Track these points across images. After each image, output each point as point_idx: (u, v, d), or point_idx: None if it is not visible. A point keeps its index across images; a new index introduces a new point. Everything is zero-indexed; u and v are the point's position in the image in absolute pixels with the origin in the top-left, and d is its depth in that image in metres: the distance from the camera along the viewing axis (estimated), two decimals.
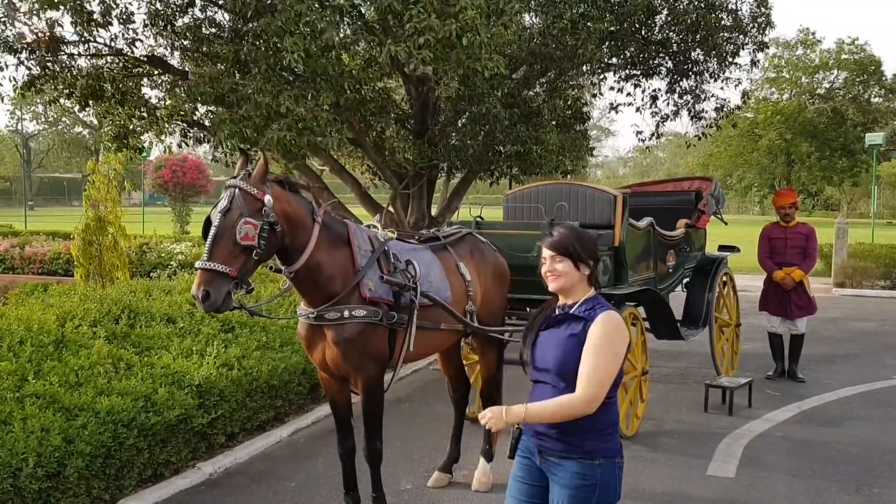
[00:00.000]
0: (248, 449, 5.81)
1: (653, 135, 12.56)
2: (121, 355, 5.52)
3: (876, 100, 51.68)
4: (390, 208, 10.02)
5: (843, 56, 51.33)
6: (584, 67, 9.66)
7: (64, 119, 54.80)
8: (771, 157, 52.90)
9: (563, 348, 2.83)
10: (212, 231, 3.50)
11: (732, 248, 8.40)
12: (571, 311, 2.88)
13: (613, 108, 13.08)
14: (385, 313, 3.99)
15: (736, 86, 11.92)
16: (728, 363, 8.07)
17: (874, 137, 20.84)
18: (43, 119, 58.32)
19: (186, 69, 8.65)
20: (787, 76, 53.23)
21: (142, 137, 9.56)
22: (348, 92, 7.45)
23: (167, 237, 23.53)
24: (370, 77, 7.87)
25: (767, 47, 11.39)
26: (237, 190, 3.57)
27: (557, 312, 2.96)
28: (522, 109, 9.16)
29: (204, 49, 8.23)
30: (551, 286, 2.96)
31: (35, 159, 64.45)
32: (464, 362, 5.72)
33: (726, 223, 8.54)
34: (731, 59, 11.27)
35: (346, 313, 3.88)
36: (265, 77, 6.69)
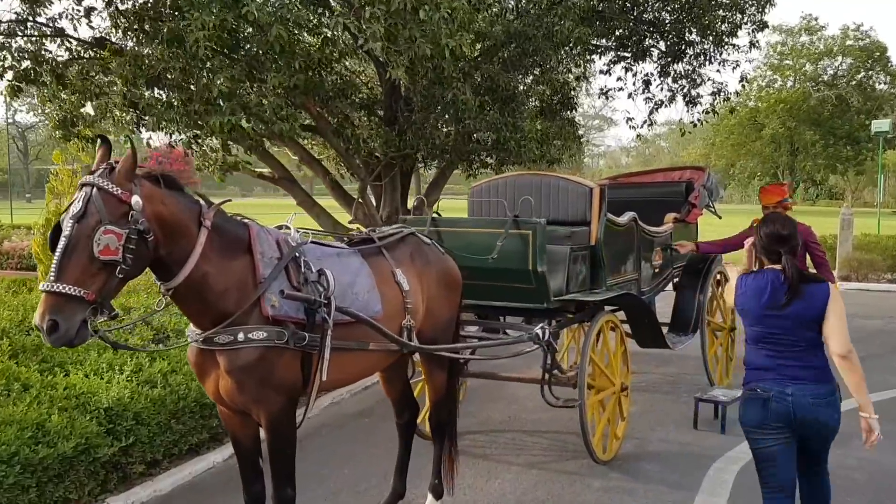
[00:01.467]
0: (174, 478, 5.11)
1: (645, 122, 11.82)
2: (19, 374, 4.82)
3: (881, 86, 50.83)
4: (361, 201, 9.31)
5: (848, 42, 50.45)
6: (566, 49, 8.90)
7: None
8: (774, 146, 52.08)
9: None
10: (61, 243, 2.75)
11: None
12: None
13: (604, 93, 12.32)
14: (292, 334, 3.27)
15: (734, 69, 11.08)
16: (722, 371, 7.36)
17: (881, 124, 20.06)
18: (39, 110, 57.60)
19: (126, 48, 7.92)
20: (791, 63, 52.40)
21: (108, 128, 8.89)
22: (301, 73, 6.72)
23: None
24: (328, 57, 7.14)
25: (767, 27, 10.64)
26: (95, 189, 2.82)
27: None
28: (499, 95, 8.42)
29: (147, 28, 7.50)
30: None
31: (32, 151, 63.77)
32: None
33: (720, 217, 7.81)
34: (727, 40, 10.52)
35: (242, 336, 3.16)
36: (198, 55, 5.96)
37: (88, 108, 8.77)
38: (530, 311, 5.42)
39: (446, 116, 7.99)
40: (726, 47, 10.82)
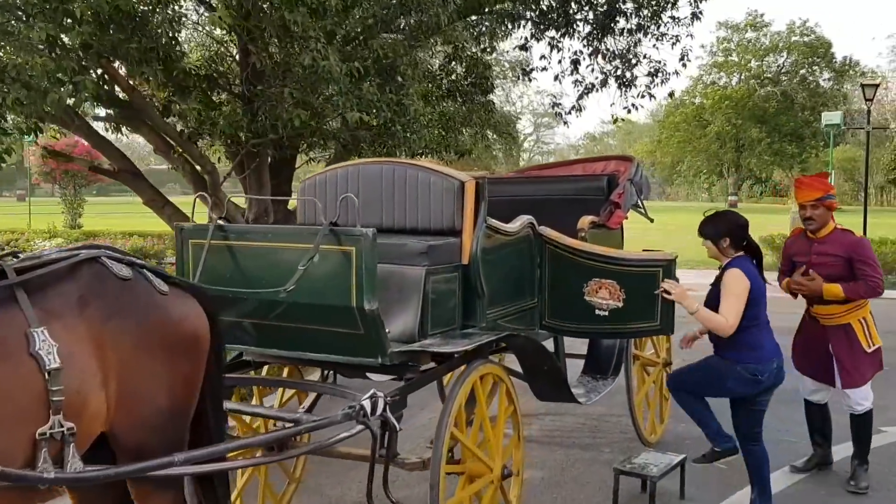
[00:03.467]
0: None
1: (573, 108, 10.17)
2: None
3: (825, 83, 50.59)
4: (212, 199, 7.42)
5: (794, 38, 50.08)
6: (473, 19, 7.18)
7: None
8: (720, 143, 51.52)
9: None
10: None
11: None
12: None
13: (525, 73, 10.63)
14: None
15: (673, 45, 9.48)
16: (654, 418, 5.73)
17: (831, 117, 18.93)
18: None
19: None
20: (736, 60, 51.85)
21: None
22: (88, 24, 4.88)
23: (42, 232, 20.60)
24: (133, 7, 5.28)
25: None
26: None
27: None
28: (381, 66, 6.65)
29: None
30: None
31: None
32: None
33: (651, 219, 6.14)
34: (667, 10, 8.95)
35: None
36: None
37: None
38: (364, 366, 3.65)
39: (304, 89, 6.18)
40: (665, 19, 9.25)
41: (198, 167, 7.19)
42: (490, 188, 5.57)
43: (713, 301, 4.15)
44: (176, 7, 5.80)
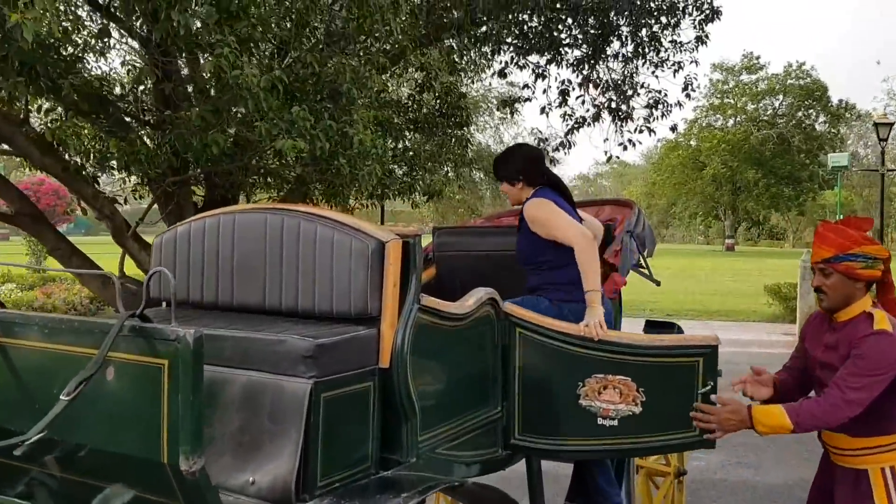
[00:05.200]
0: None
1: (561, 144, 8.91)
2: None
3: (821, 126, 49.85)
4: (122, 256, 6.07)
5: (790, 81, 49.40)
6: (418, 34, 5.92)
7: None
8: (716, 186, 50.58)
9: None
10: None
11: (670, 327, 4.65)
12: None
13: (506, 104, 9.35)
14: None
15: (675, 72, 8.22)
16: None
17: (838, 158, 17.77)
18: None
19: None
20: (732, 102, 51.10)
21: None
22: None
23: None
24: None
25: (720, 16, 7.85)
26: None
27: None
28: (320, 85, 5.35)
29: None
30: None
31: None
32: None
33: (658, 282, 4.79)
34: (670, 31, 7.73)
35: None
36: None
37: None
38: None
39: (222, 115, 4.86)
40: (665, 44, 8.04)
41: (90, 209, 5.85)
42: (447, 241, 4.30)
43: None
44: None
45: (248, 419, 2.29)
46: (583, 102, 8.76)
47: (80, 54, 5.31)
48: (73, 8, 5.03)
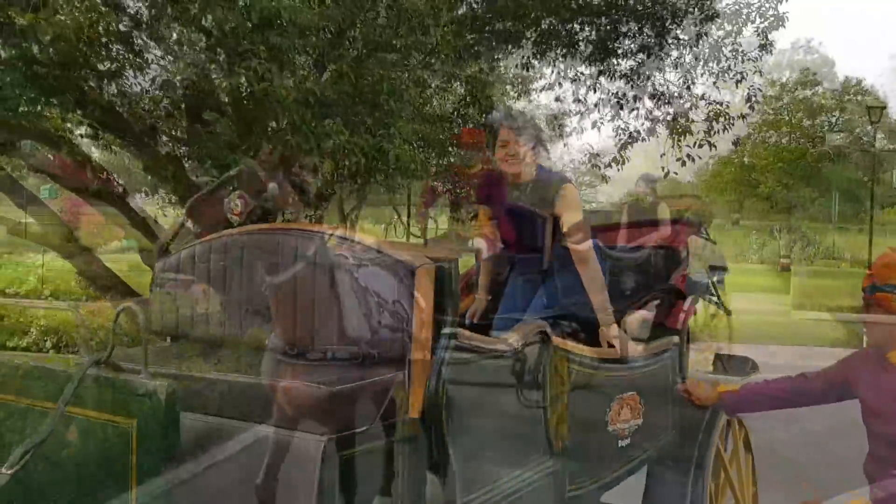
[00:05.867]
0: None
1: (614, 160, 8.44)
2: None
3: (881, 143, 48.41)
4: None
5: (847, 97, 48.10)
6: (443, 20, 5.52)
7: None
8: (770, 204, 49.34)
9: None
10: None
11: (743, 362, 4.11)
12: None
13: (555, 118, 8.91)
14: None
15: (738, 83, 7.69)
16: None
17: None
18: None
19: None
20: (787, 118, 49.92)
21: None
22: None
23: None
24: None
25: (785, 24, 7.31)
26: None
27: None
28: (357, 94, 5.01)
29: None
30: None
31: None
32: None
33: (729, 312, 4.28)
34: (732, 39, 7.24)
35: None
36: None
37: None
38: None
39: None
40: (726, 53, 7.55)
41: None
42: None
43: None
44: None
45: (244, 481, 1.90)
46: (636, 116, 8.30)
47: (115, 69, 5.09)
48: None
